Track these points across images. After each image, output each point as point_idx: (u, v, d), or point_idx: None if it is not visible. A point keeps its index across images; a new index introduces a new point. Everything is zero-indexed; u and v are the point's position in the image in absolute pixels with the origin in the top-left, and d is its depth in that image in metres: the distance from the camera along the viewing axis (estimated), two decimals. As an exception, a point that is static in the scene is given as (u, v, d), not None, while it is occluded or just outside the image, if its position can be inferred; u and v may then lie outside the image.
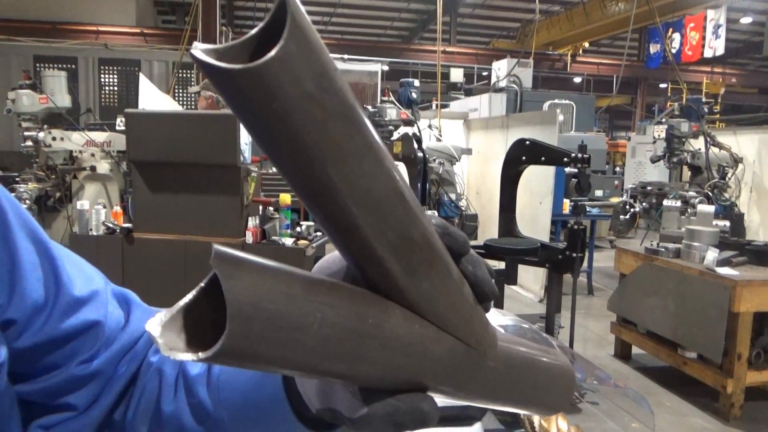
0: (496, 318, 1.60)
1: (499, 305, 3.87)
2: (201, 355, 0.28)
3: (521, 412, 0.48)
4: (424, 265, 0.34)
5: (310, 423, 0.44)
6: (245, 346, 0.28)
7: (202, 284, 0.32)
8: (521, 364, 0.42)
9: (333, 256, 0.40)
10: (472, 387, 0.39)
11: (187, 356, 0.28)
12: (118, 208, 4.30)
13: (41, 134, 5.40)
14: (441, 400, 0.38)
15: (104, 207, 4.27)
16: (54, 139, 5.33)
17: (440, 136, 7.30)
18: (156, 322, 0.30)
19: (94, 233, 4.12)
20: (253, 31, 0.28)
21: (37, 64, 9.24)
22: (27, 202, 5.20)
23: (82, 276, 0.53)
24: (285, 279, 0.30)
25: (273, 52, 0.25)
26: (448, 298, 0.36)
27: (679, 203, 5.22)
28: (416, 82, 6.31)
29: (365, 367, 0.33)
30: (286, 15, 0.26)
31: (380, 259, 0.32)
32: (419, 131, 5.67)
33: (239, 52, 0.28)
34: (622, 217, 6.57)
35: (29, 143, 5.53)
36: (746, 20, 17.25)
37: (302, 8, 0.27)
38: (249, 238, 3.96)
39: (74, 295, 0.50)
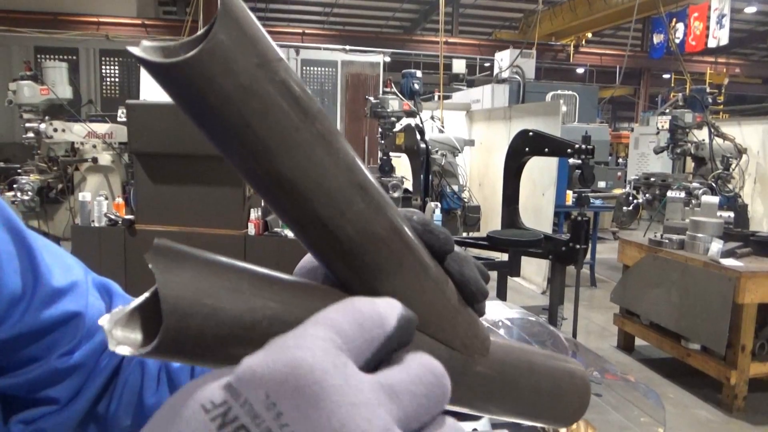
0: (502, 311, 1.59)
1: (503, 297, 3.86)
2: (141, 350, 0.27)
3: (523, 421, 0.45)
4: (392, 262, 0.32)
5: None
6: (184, 342, 0.27)
7: (155, 287, 0.31)
8: (520, 370, 0.40)
9: (307, 259, 0.38)
10: (459, 393, 0.36)
11: (128, 350, 0.28)
12: (120, 200, 4.29)
13: (43, 126, 5.39)
14: None
15: (106, 198, 4.26)
16: (55, 130, 5.32)
17: (443, 127, 7.28)
18: (107, 318, 0.30)
19: (96, 225, 4.11)
20: (205, 28, 0.27)
21: (38, 55, 9.21)
22: (29, 193, 5.20)
23: (61, 266, 0.51)
24: (231, 274, 0.29)
25: (202, 44, 0.25)
26: (424, 297, 0.34)
27: (682, 194, 5.21)
28: (418, 73, 6.28)
29: None
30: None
31: (340, 255, 0.31)
32: (422, 122, 5.65)
33: (188, 48, 0.27)
34: (625, 208, 6.54)
35: (31, 135, 5.52)
36: (750, 9, 17.12)
37: None
38: (251, 229, 3.95)
39: (53, 286, 0.49)
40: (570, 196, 6.50)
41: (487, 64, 16.19)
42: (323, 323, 0.25)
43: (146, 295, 0.31)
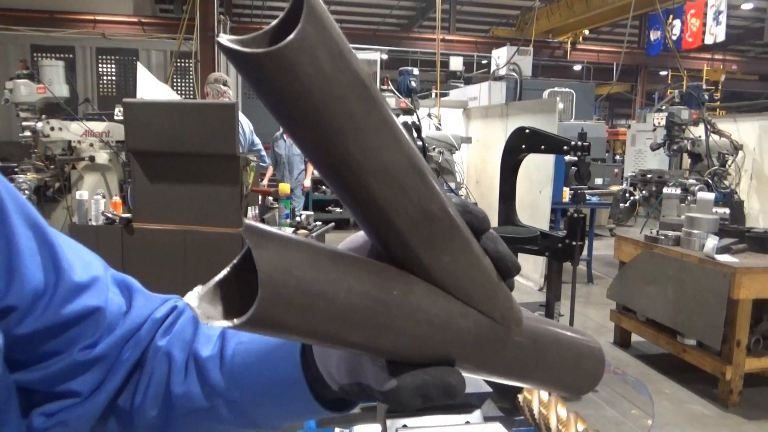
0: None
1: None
2: (236, 321, 0.29)
3: (548, 390, 0.49)
4: (444, 239, 0.35)
5: (326, 402, 0.45)
6: (276, 312, 0.29)
7: (235, 261, 0.34)
8: (548, 340, 0.43)
9: (358, 235, 0.41)
10: (499, 361, 0.40)
11: (224, 323, 0.30)
12: (117, 198, 4.29)
13: (39, 124, 5.38)
14: None
15: (103, 197, 4.26)
16: (52, 129, 5.31)
17: (440, 124, 7.28)
18: (193, 295, 0.32)
19: (94, 223, 4.11)
20: (274, 23, 0.30)
21: (35, 54, 9.18)
22: (26, 192, 5.20)
23: (82, 262, 0.52)
24: (312, 250, 0.32)
25: (292, 35, 0.27)
26: (470, 272, 0.36)
27: (679, 191, 5.22)
28: (415, 71, 6.28)
29: (391, 337, 0.34)
30: (302, 4, 0.28)
31: (401, 232, 0.33)
32: (419, 120, 5.66)
33: (261, 41, 0.30)
34: (621, 205, 6.56)
35: (27, 133, 5.51)
36: (747, 6, 17.14)
37: None
38: (249, 227, 3.96)
39: (74, 281, 0.50)
40: (567, 193, 6.51)
41: (484, 62, 16.20)
42: None
43: (225, 271, 0.34)
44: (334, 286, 0.31)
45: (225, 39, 0.28)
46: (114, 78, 9.62)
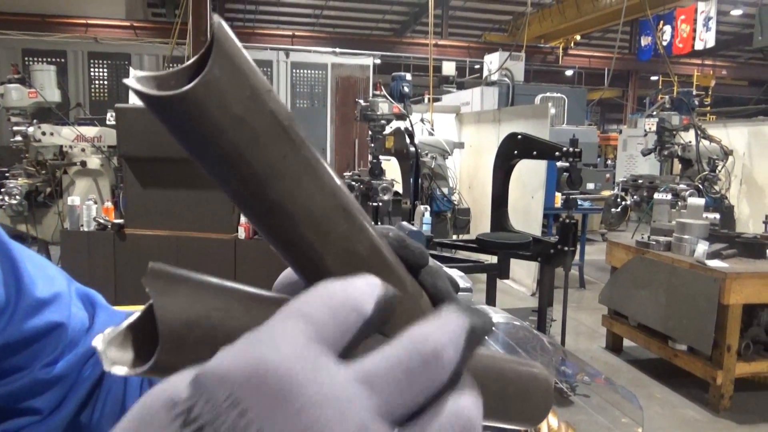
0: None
1: (492, 299, 3.88)
2: (137, 369, 0.28)
3: (495, 424, 0.47)
4: None
5: None
6: (178, 363, 0.28)
7: (146, 305, 0.33)
8: (487, 376, 0.41)
9: (287, 274, 0.40)
10: None
11: (126, 370, 0.29)
12: (109, 204, 4.28)
13: (31, 129, 5.36)
14: None
15: (95, 202, 4.24)
16: (44, 133, 5.29)
17: (432, 130, 7.30)
18: (100, 339, 0.31)
19: (85, 229, 4.09)
20: (195, 57, 0.29)
21: (26, 58, 9.14)
22: (17, 197, 5.17)
23: (44, 277, 0.52)
24: (222, 295, 0.30)
25: (197, 79, 0.26)
26: (401, 310, 0.35)
27: (669, 196, 5.26)
28: (408, 76, 6.29)
29: None
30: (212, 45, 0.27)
31: (326, 274, 0.32)
32: (411, 125, 5.67)
33: (180, 78, 0.28)
34: (613, 210, 6.60)
35: (18, 138, 5.48)
36: (736, 12, 17.31)
37: (230, 32, 0.27)
38: (241, 233, 3.96)
39: (36, 297, 0.49)
40: (559, 199, 6.54)
41: (476, 67, 16.24)
42: (294, 314, 0.24)
43: (137, 314, 0.32)
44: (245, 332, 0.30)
45: (133, 80, 0.27)
46: (106, 82, 9.58)
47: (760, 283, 3.68)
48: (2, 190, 5.23)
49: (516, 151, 4.07)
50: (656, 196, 5.26)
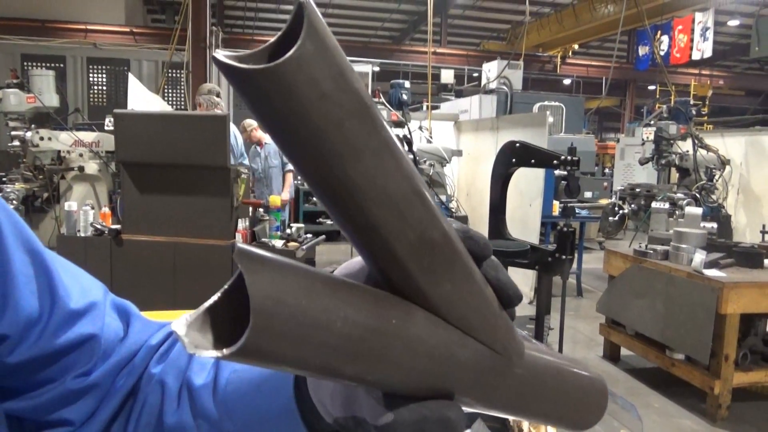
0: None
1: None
2: (225, 351, 0.28)
3: (550, 425, 0.46)
4: (445, 266, 0.33)
5: None
6: (268, 342, 0.28)
7: (226, 286, 0.33)
8: (550, 374, 0.41)
9: (355, 261, 0.39)
10: (500, 395, 0.38)
11: (212, 353, 0.28)
12: (106, 209, 4.27)
13: (29, 134, 5.35)
14: None
15: (92, 208, 4.24)
16: (42, 138, 5.29)
17: (431, 137, 7.31)
18: (181, 322, 0.31)
19: (82, 234, 4.08)
20: (273, 39, 0.29)
21: (25, 63, 9.15)
22: (14, 202, 5.15)
23: (80, 288, 0.51)
24: (307, 277, 0.30)
25: (290, 53, 0.26)
26: (471, 301, 0.35)
27: (667, 205, 5.26)
28: (407, 84, 6.30)
29: (389, 369, 0.32)
30: (302, 20, 0.27)
31: (400, 259, 0.32)
32: (410, 133, 5.68)
33: (259, 57, 0.29)
34: (611, 218, 6.60)
35: (16, 143, 5.48)
36: (733, 23, 17.40)
37: (319, 12, 0.28)
38: (239, 240, 3.95)
39: (70, 308, 0.49)
40: (557, 207, 6.55)
41: (475, 75, 16.30)
42: None
43: (216, 296, 0.32)
44: (329, 315, 0.30)
45: (221, 54, 0.27)
46: (105, 88, 9.60)
47: (757, 292, 3.68)
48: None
49: (514, 159, 4.07)
50: (654, 205, 5.26)
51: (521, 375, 0.38)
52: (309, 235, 4.24)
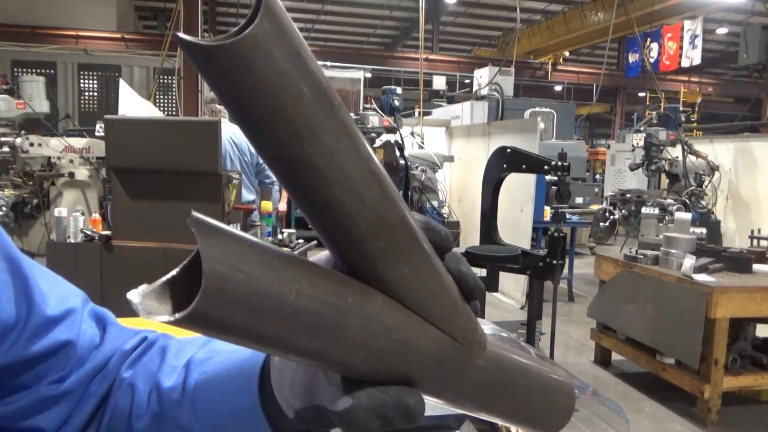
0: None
1: (480, 313, 3.88)
2: (177, 315, 0.28)
3: (513, 425, 0.46)
4: (404, 249, 0.33)
5: None
6: (220, 307, 0.28)
7: (186, 262, 0.33)
8: (514, 369, 0.41)
9: (323, 253, 0.39)
10: (460, 386, 0.38)
11: (164, 318, 0.29)
12: (96, 215, 4.24)
13: (18, 140, 5.32)
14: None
15: (83, 214, 4.21)
16: (31, 144, 5.25)
17: (422, 143, 7.33)
18: (136, 291, 0.31)
19: (72, 241, 4.05)
20: (236, 28, 0.30)
21: (15, 69, 9.11)
22: (3, 209, 5.12)
23: (57, 295, 0.51)
24: (263, 250, 0.31)
25: (247, 30, 0.28)
26: (430, 287, 0.35)
27: (657, 211, 5.29)
28: (399, 90, 6.33)
29: (345, 347, 0.32)
30: (260, 3, 0.28)
31: (358, 240, 0.32)
32: (401, 138, 5.70)
33: (223, 41, 0.29)
34: (601, 224, 6.64)
35: (6, 149, 5.44)
36: (722, 31, 17.61)
37: None
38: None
39: (47, 315, 0.48)
40: (548, 212, 6.57)
41: (466, 81, 16.38)
42: None
43: (175, 271, 0.32)
44: (283, 286, 0.29)
45: (183, 34, 0.29)
46: (96, 94, 9.56)
47: (746, 297, 3.70)
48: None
49: (505, 165, 4.09)
50: (644, 210, 5.29)
51: (483, 367, 0.38)
52: (300, 241, 4.24)
